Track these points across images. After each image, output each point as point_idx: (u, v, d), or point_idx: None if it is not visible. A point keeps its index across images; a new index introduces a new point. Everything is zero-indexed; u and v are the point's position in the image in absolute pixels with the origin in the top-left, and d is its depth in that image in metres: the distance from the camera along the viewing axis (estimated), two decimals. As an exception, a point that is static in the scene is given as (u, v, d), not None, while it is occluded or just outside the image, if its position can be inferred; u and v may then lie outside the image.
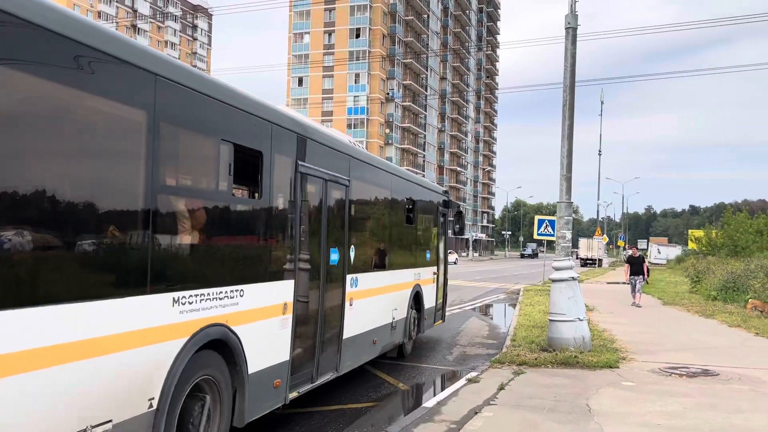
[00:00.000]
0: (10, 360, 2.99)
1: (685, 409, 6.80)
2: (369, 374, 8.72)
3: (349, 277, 7.38)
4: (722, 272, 22.71)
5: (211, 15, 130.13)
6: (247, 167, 5.31)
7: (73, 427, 3.40)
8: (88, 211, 3.58)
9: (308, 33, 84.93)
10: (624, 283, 31.97)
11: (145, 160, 3.96)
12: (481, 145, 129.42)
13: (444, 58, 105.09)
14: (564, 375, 8.46)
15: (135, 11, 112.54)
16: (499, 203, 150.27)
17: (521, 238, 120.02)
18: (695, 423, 6.27)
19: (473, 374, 8.46)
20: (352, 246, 7.52)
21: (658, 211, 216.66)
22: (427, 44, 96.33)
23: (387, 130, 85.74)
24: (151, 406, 4.00)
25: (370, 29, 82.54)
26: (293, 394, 6.01)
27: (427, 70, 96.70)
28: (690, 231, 58.97)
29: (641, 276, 18.79)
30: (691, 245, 51.19)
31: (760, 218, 39.10)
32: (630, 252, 21.23)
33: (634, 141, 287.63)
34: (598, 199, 56.84)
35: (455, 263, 64.93)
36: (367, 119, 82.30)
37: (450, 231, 13.08)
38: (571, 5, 10.98)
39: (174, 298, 4.23)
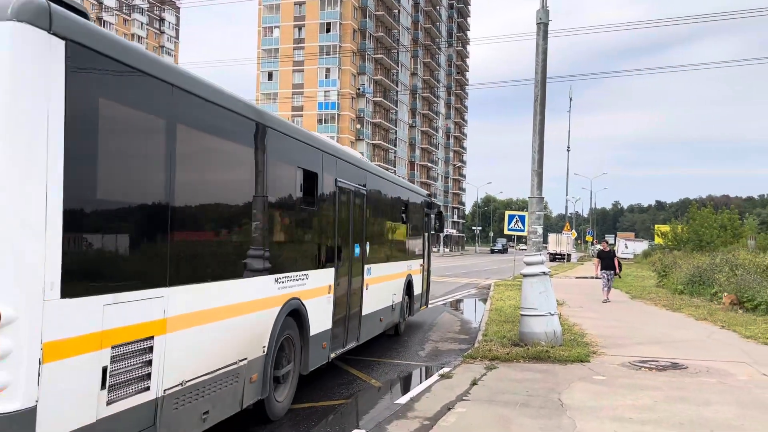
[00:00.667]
0: (198, 315, 4.72)
1: (655, 402, 6.86)
2: (341, 371, 8.64)
3: (366, 266, 9.25)
4: (688, 266, 23.11)
5: (179, 8, 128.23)
6: (309, 185, 7.03)
7: (233, 359, 5.26)
8: (238, 226, 5.60)
9: (278, 27, 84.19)
10: (593, 277, 32.37)
11: (265, 190, 5.91)
12: (451, 141, 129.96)
13: (415, 53, 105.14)
14: (536, 369, 8.48)
15: (101, 3, 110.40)
16: (470, 199, 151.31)
17: (491, 234, 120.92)
18: (666, 416, 6.32)
19: (446, 370, 8.44)
20: (368, 242, 9.34)
21: (625, 207, 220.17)
22: (398, 39, 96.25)
23: (358, 126, 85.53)
24: (263, 351, 5.86)
25: (340, 24, 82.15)
26: (333, 355, 7.83)
27: (398, 66, 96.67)
28: (656, 226, 59.98)
29: (612, 271, 18.63)
30: (658, 240, 52.06)
31: (724, 213, 39.96)
32: (600, 247, 20.83)
33: (601, 137, 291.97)
34: (567, 195, 57.72)
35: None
36: (338, 114, 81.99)
37: (432, 229, 14.77)
38: (542, 1, 11.00)
39: (275, 279, 6.11)
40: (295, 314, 6.55)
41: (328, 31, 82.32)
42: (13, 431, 3.10)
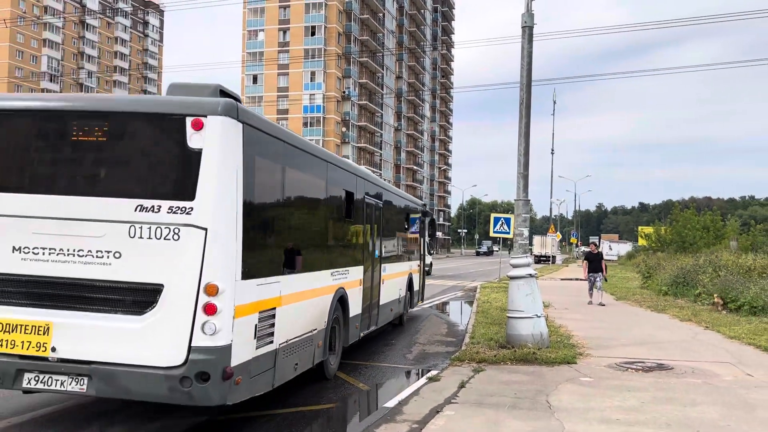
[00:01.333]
0: (296, 295, 6.72)
1: (642, 403, 6.89)
2: (328, 375, 8.59)
3: (382, 265, 11.28)
4: (672, 268, 23.31)
5: (163, 11, 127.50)
6: (348, 201, 8.95)
7: (310, 328, 7.22)
8: (318, 235, 7.97)
9: (263, 30, 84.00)
10: (578, 279, 32.54)
11: (334, 210, 8.39)
12: (437, 143, 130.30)
13: (400, 57, 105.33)
14: (523, 372, 8.50)
15: (84, 6, 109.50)
16: (455, 201, 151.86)
17: (477, 236, 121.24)
18: (653, 417, 6.36)
19: (433, 373, 8.44)
20: (383, 246, 11.38)
21: (609, 209, 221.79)
22: (383, 43, 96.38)
23: (343, 129, 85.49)
24: (325, 324, 7.80)
25: (325, 27, 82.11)
26: (362, 334, 10.01)
27: (383, 69, 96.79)
28: (640, 228, 60.47)
29: (600, 273, 18.21)
30: (641, 242, 52.48)
31: (707, 215, 40.34)
32: (588, 249, 20.24)
33: (585, 140, 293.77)
34: (551, 197, 57.85)
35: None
36: (323, 117, 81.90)
37: (426, 234, 16.68)
38: (528, 4, 11.05)
39: (331, 273, 8.16)
40: (341, 300, 8.53)
41: (313, 34, 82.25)
42: (220, 357, 5.17)
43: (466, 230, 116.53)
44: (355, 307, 9.29)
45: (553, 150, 54.85)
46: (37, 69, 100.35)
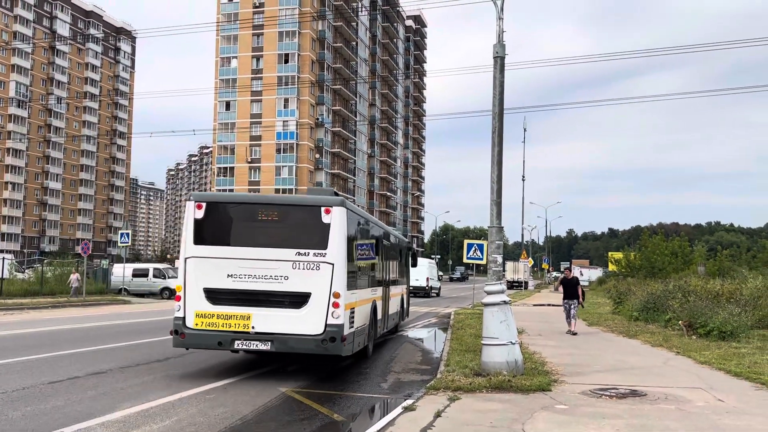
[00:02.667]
0: (359, 302, 11.44)
1: (617, 430, 6.90)
2: (302, 405, 8.48)
3: (390, 287, 15.71)
4: (642, 293, 23.55)
5: (135, 37, 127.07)
6: (377, 245, 12.49)
7: (364, 322, 11.94)
8: (383, 270, 14.51)
9: (236, 57, 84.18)
10: (550, 305, 32.70)
11: (374, 251, 12.03)
12: (410, 170, 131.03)
13: (373, 84, 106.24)
14: (499, 400, 8.47)
15: (54, 32, 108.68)
16: (428, 227, 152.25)
17: (450, 262, 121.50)
18: (628, 444, 6.36)
19: (409, 402, 8.36)
20: (390, 272, 15.78)
21: (580, 234, 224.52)
22: (356, 71, 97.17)
23: (317, 155, 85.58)
24: (368, 321, 12.32)
25: (298, 55, 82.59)
26: (380, 333, 14.33)
27: (356, 96, 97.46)
28: (610, 253, 61.18)
29: (576, 300, 17.55)
30: (612, 267, 53.02)
31: (675, 241, 41.05)
32: (563, 274, 19.30)
33: (556, 167, 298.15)
34: (523, 223, 58.35)
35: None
36: (297, 144, 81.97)
37: (410, 264, 21.00)
38: (499, 35, 11.24)
39: (372, 290, 12.83)
40: (374, 308, 12.95)
41: (286, 62, 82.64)
42: (339, 330, 9.82)
43: (439, 256, 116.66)
44: (379, 314, 13.84)
45: (524, 177, 55.49)
46: (5, 94, 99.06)
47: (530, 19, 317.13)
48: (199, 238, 10.43)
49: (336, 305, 9.93)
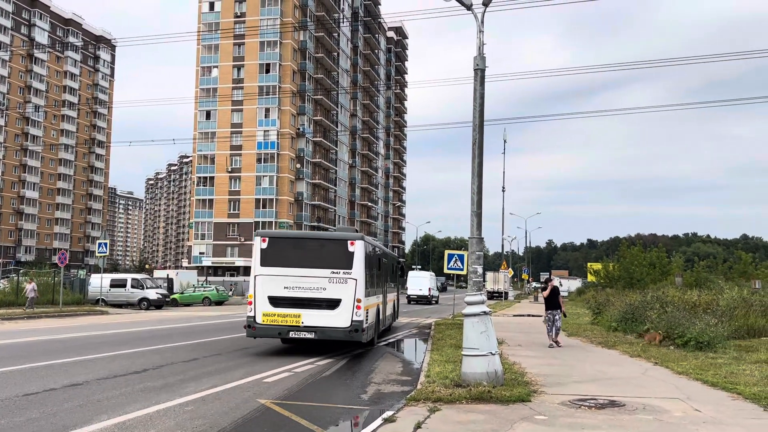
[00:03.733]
0: (371, 305, 16.18)
1: (596, 441, 6.94)
2: (281, 417, 8.42)
3: (387, 294, 20.22)
4: (621, 304, 23.76)
5: (115, 46, 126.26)
6: (379, 263, 18.73)
7: (373, 319, 16.65)
8: (378, 278, 18.47)
9: (216, 67, 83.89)
10: (530, 315, 32.85)
11: (380, 273, 18.90)
12: (391, 180, 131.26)
13: (354, 95, 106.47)
14: (479, 411, 8.48)
15: (32, 40, 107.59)
16: (409, 238, 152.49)
17: (411, 270, 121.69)
18: (606, 455, 6.40)
19: (389, 413, 8.33)
20: (386, 282, 20.24)
21: (559, 245, 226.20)
22: (338, 81, 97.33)
23: (298, 165, 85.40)
24: (375, 319, 17.16)
25: (280, 65, 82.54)
26: (381, 328, 18.77)
27: (337, 107, 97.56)
28: (589, 264, 61.74)
29: (559, 310, 17.04)
30: (591, 278, 53.52)
31: (653, 252, 41.53)
32: (549, 286, 17.92)
33: (535, 178, 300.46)
34: (503, 234, 58.74)
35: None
36: (278, 154, 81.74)
37: (399, 275, 26.52)
38: (479, 48, 11.35)
39: (377, 296, 17.63)
40: (377, 309, 17.18)
41: (267, 71, 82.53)
42: (360, 324, 14.63)
43: (420, 266, 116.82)
44: (381, 314, 18.38)
45: (504, 188, 55.91)
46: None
47: (511, 33, 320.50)
48: (265, 262, 15.04)
49: (359, 307, 14.71)
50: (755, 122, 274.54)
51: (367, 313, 15.22)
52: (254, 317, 14.94)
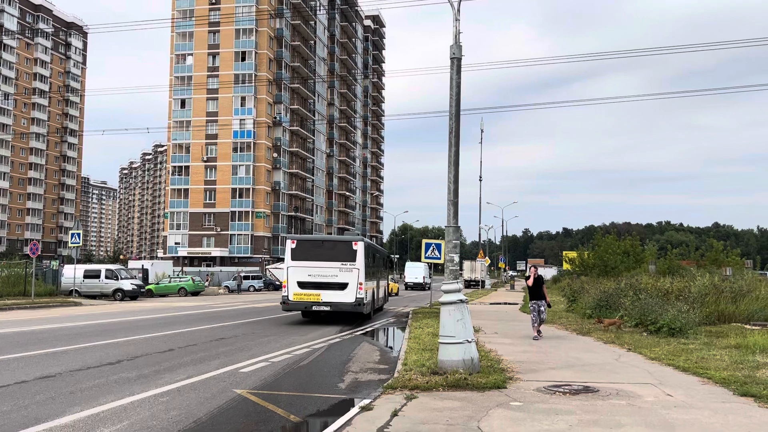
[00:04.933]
0: (369, 287, 22.64)
1: (570, 426, 7.03)
2: (258, 407, 8.39)
3: (380, 280, 27.15)
4: (595, 291, 24.03)
5: (87, 33, 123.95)
6: (374, 257, 25.47)
7: (371, 299, 23.16)
8: (374, 270, 25.31)
9: (191, 54, 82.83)
10: (506, 303, 33.11)
11: (375, 264, 25.53)
12: (369, 170, 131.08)
13: (331, 84, 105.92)
14: (455, 398, 8.53)
15: (1, 26, 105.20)
16: (387, 227, 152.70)
17: (409, 261, 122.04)
18: (580, 439, 6.48)
19: (366, 401, 8.35)
20: (380, 271, 27.65)
21: (535, 234, 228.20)
22: (315, 70, 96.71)
23: (275, 154, 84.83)
24: (372, 298, 23.58)
25: (256, 53, 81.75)
26: (375, 307, 25.27)
27: (314, 96, 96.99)
28: (564, 252, 62.28)
29: (543, 300, 16.27)
30: (566, 266, 54.02)
31: (626, 240, 41.99)
32: (531, 275, 16.87)
33: (512, 167, 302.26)
34: (480, 223, 59.11)
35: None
36: (254, 143, 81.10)
37: (389, 266, 33.57)
38: (455, 37, 11.33)
39: (372, 281, 23.95)
40: (373, 290, 23.71)
41: (243, 59, 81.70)
42: (362, 300, 20.87)
43: (398, 256, 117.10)
44: (375, 295, 24.33)
45: (481, 177, 56.17)
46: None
47: (489, 22, 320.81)
48: (294, 257, 21.14)
49: (360, 288, 20.83)
50: (727, 113, 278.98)
51: (366, 292, 21.40)
52: (287, 296, 21.08)
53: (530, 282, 16.62)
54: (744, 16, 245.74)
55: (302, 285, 20.87)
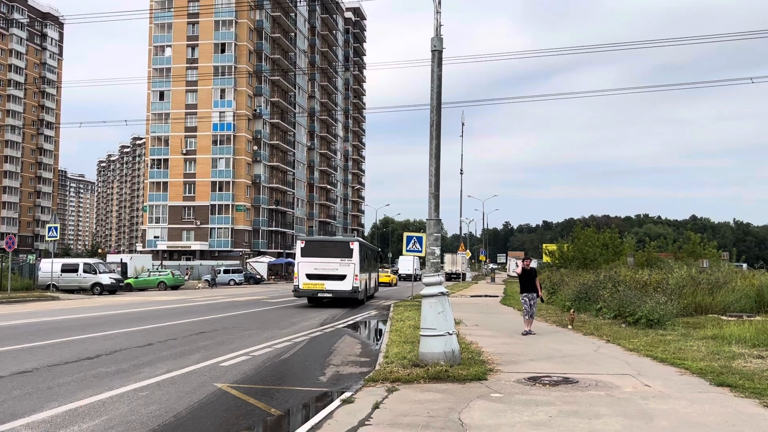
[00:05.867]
0: (363, 278, 27.60)
1: (550, 417, 7.08)
2: (238, 401, 8.35)
3: (371, 272, 32.66)
4: (575, 283, 24.27)
5: (63, 23, 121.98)
6: (367, 254, 30.45)
7: (364, 287, 28.64)
8: (368, 266, 31.34)
9: (170, 46, 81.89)
10: (487, 296, 33.29)
11: (367, 259, 30.39)
12: (350, 163, 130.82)
13: (312, 76, 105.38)
14: (436, 390, 8.56)
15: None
16: (369, 220, 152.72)
17: (390, 255, 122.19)
18: (561, 430, 6.54)
19: (347, 394, 8.34)
20: (373, 264, 34.51)
21: (515, 227, 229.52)
22: (295, 62, 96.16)
23: (255, 147, 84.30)
24: (366, 286, 29.06)
25: (235, 45, 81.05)
26: (369, 294, 31.28)
27: (295, 88, 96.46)
28: (544, 245, 62.65)
29: (535, 294, 15.58)
30: (546, 258, 54.35)
31: (605, 233, 42.38)
32: (520, 264, 16.36)
33: (493, 161, 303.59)
34: (461, 216, 59.29)
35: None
36: (234, 135, 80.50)
37: (379, 260, 41.36)
38: (436, 29, 11.31)
39: (365, 273, 28.57)
40: (365, 280, 28.65)
41: (222, 51, 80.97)
42: (358, 288, 26.16)
43: (380, 249, 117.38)
44: (368, 284, 29.72)
45: (462, 170, 56.29)
46: None
47: (470, 16, 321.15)
48: (303, 254, 26.13)
49: (356, 279, 25.62)
50: (704, 106, 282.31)
51: (360, 282, 26.59)
52: (298, 285, 26.24)
53: (519, 271, 16.00)
54: (721, 11, 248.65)
55: (310, 276, 25.99)
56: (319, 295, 26.00)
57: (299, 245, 26.53)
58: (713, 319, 17.29)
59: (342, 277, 25.75)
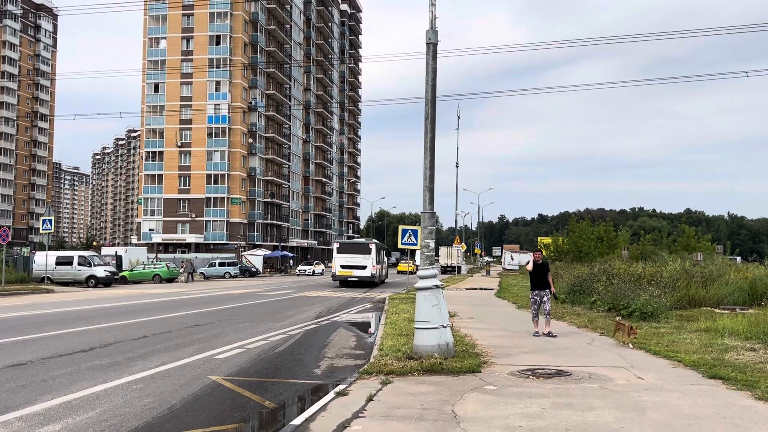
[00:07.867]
0: (377, 267, 40.84)
1: (543, 409, 7.11)
2: (233, 393, 8.37)
3: (382, 264, 44.77)
4: (569, 276, 24.35)
5: (57, 15, 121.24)
6: (380, 252, 43.90)
7: (379, 274, 42.70)
8: (377, 259, 41.45)
9: (165, 38, 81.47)
10: (482, 289, 33.35)
11: (380, 254, 43.41)
12: (345, 156, 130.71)
13: (307, 69, 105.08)
14: (430, 382, 8.59)
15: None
16: (364, 213, 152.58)
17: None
18: (554, 423, 6.57)
19: (342, 387, 8.37)
20: (382, 258, 45.86)
21: (511, 220, 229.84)
22: (290, 54, 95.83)
23: (250, 140, 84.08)
24: (379, 273, 41.94)
25: (231, 37, 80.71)
26: (381, 281, 43.77)
27: (290, 81, 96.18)
28: (539, 238, 62.91)
29: (548, 290, 13.80)
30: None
31: (600, 226, 42.56)
32: (532, 258, 14.29)
33: (489, 154, 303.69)
34: (456, 209, 59.40)
35: (322, 274, 64.87)
36: (229, 128, 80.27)
37: (386, 254, 53.37)
38: (431, 22, 11.28)
39: (378, 264, 41.42)
40: (379, 270, 41.44)
41: (218, 43, 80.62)
42: (374, 274, 39.09)
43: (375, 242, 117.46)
44: (380, 272, 42.14)
45: (457, 164, 56.41)
46: None
47: (467, 8, 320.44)
48: (339, 252, 39.20)
49: (374, 268, 38.56)
50: (699, 100, 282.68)
51: (376, 270, 38.61)
52: (335, 272, 38.62)
53: (530, 267, 14.02)
54: (718, 5, 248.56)
55: (343, 267, 38.32)
56: (349, 279, 38.20)
57: (335, 246, 40.35)
58: (706, 312, 17.36)
59: (364, 267, 38.15)
